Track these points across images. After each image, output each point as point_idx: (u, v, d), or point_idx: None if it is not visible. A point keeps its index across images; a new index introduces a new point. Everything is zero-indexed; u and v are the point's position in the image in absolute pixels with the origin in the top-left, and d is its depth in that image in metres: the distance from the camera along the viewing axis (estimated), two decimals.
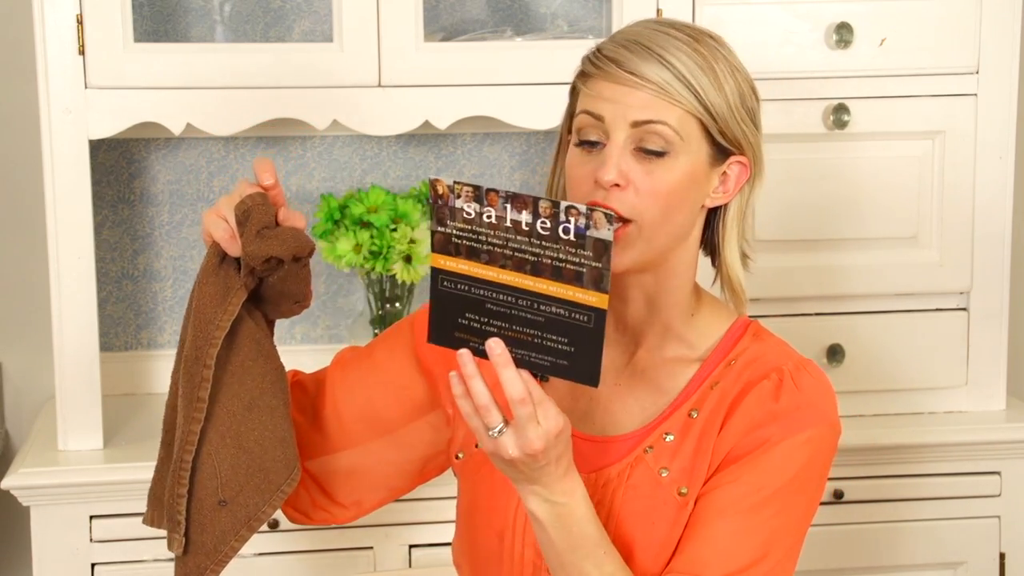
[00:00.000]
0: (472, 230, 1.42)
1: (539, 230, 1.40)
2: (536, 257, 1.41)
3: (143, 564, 2.32)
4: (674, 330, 1.62)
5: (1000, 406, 2.54)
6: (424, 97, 2.36)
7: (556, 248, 1.40)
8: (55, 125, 2.28)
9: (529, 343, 1.44)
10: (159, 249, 2.71)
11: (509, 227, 1.41)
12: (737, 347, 1.61)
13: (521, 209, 1.40)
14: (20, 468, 2.28)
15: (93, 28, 2.27)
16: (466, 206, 1.42)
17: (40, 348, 2.65)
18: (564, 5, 2.71)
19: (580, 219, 1.39)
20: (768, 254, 2.46)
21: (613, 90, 1.53)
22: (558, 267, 1.41)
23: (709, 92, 1.53)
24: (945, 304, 2.53)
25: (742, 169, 1.59)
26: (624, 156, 1.52)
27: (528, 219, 1.40)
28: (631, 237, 1.53)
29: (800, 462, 1.54)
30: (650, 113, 1.51)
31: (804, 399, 1.56)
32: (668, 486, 1.57)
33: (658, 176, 1.52)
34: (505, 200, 1.41)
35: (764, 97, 2.40)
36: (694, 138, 1.53)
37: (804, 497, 1.56)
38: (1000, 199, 2.49)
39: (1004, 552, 2.51)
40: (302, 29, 2.67)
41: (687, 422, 1.58)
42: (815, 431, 1.55)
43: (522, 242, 1.41)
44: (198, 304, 1.55)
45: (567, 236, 1.39)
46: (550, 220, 1.39)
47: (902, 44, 2.44)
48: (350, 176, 2.72)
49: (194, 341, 1.55)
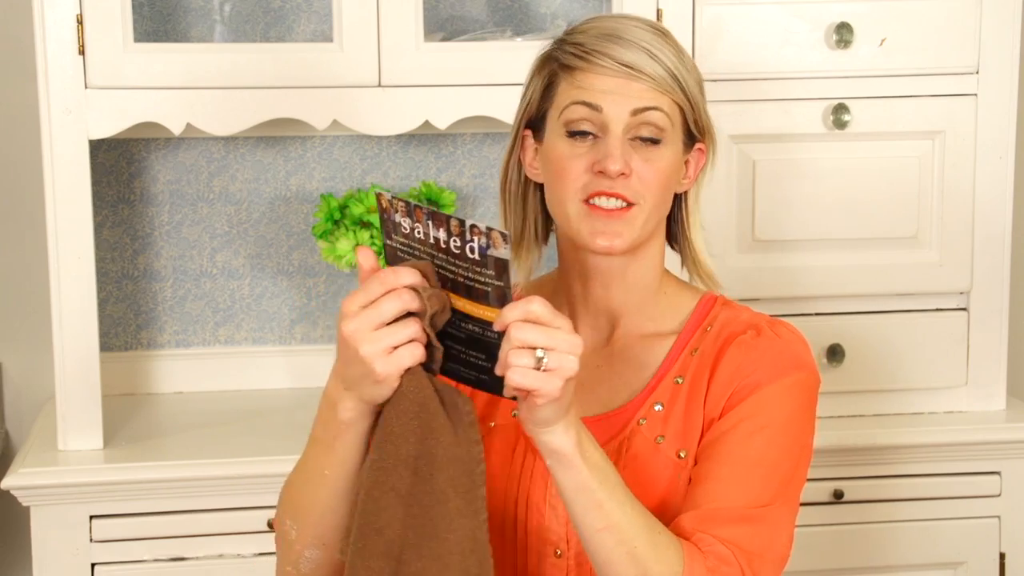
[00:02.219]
0: (410, 245, 1.43)
1: (452, 248, 1.40)
2: (453, 275, 1.42)
3: (143, 564, 2.32)
4: (646, 309, 1.68)
5: (1000, 406, 2.54)
6: (424, 97, 2.36)
7: (466, 267, 1.40)
8: (55, 125, 2.27)
9: (458, 358, 1.45)
10: (159, 249, 2.71)
11: (433, 244, 1.42)
12: (710, 315, 1.67)
13: (439, 227, 1.40)
14: (20, 468, 2.28)
15: (93, 28, 2.26)
16: (403, 221, 1.43)
17: (40, 348, 2.65)
18: (564, 5, 2.71)
19: (481, 238, 1.37)
20: (768, 254, 2.46)
21: (607, 82, 1.58)
22: (469, 286, 1.41)
23: (689, 82, 1.60)
24: (945, 304, 2.53)
25: (700, 156, 1.66)
26: (624, 145, 1.58)
27: (444, 237, 1.40)
28: (633, 218, 1.59)
29: (792, 405, 1.59)
30: (647, 100, 1.58)
31: (785, 344, 1.62)
32: (667, 451, 1.60)
33: (655, 163, 1.59)
34: (428, 217, 1.40)
35: (764, 97, 2.44)
36: (678, 126, 1.61)
37: (801, 439, 1.61)
38: (1000, 199, 2.49)
39: (1004, 552, 2.51)
40: (302, 29, 2.68)
41: (674, 389, 1.63)
42: (800, 375, 1.60)
43: (443, 259, 1.42)
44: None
45: (472, 255, 1.39)
46: (459, 239, 1.39)
47: (902, 44, 2.44)
48: (350, 176, 2.73)
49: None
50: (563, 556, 1.62)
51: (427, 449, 1.42)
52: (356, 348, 1.39)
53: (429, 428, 1.42)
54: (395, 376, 1.40)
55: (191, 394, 2.70)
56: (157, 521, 2.32)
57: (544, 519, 1.62)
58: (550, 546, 1.62)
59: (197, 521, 2.32)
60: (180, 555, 2.33)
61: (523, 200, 1.70)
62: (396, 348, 1.40)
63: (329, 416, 1.48)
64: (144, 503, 2.31)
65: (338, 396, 1.46)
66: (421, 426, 1.42)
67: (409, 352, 1.40)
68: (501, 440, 1.65)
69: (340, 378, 1.45)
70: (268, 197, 2.72)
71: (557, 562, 1.62)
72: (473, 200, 2.77)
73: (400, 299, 1.39)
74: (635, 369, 1.66)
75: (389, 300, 1.39)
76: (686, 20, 2.37)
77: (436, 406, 1.42)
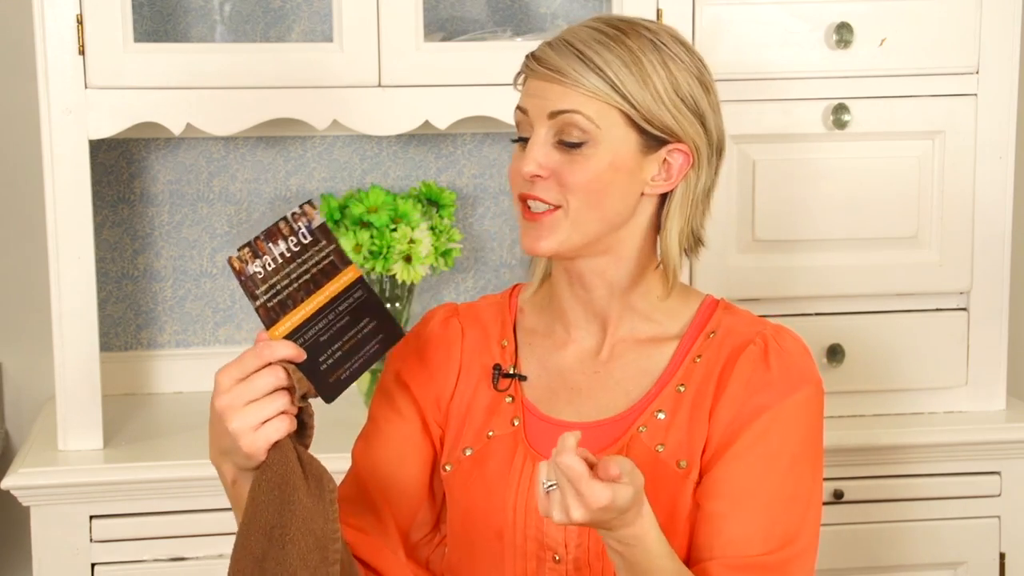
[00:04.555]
0: (270, 286, 1.48)
1: (294, 249, 1.49)
2: (308, 273, 1.49)
3: (143, 564, 2.32)
4: (642, 312, 1.66)
5: (1000, 406, 2.54)
6: (424, 97, 2.36)
7: (309, 255, 1.49)
8: (55, 125, 2.28)
9: (356, 343, 1.51)
10: (159, 249, 2.71)
11: (281, 262, 1.48)
12: (712, 320, 1.66)
13: (277, 240, 1.48)
14: (20, 468, 2.28)
15: (93, 28, 2.27)
16: (257, 268, 1.48)
17: (40, 348, 2.65)
18: (564, 5, 2.71)
19: (302, 220, 1.49)
20: (768, 254, 2.46)
21: (535, 86, 1.60)
22: (320, 270, 1.50)
23: (628, 82, 1.57)
24: (945, 304, 2.53)
25: (684, 157, 1.62)
26: (546, 148, 1.58)
27: (284, 247, 1.48)
28: (556, 221, 1.58)
29: (803, 424, 1.59)
30: (565, 104, 1.57)
31: (791, 361, 1.61)
32: (666, 460, 1.60)
33: (579, 165, 1.58)
34: (266, 239, 1.48)
35: (764, 97, 2.44)
36: (616, 127, 1.58)
37: (815, 459, 1.62)
38: (1000, 199, 2.49)
39: (1004, 552, 2.51)
40: (302, 29, 2.68)
41: (676, 397, 1.62)
42: (807, 391, 1.60)
43: (293, 268, 1.49)
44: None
45: (306, 240, 1.49)
46: (293, 236, 1.49)
47: (902, 44, 2.44)
48: (350, 176, 2.73)
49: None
50: (562, 561, 1.62)
51: (283, 520, 1.46)
52: (227, 423, 1.44)
53: (288, 501, 1.46)
54: (262, 451, 1.45)
55: (191, 394, 2.70)
56: (157, 521, 2.32)
57: (543, 525, 1.61)
58: (549, 551, 1.62)
59: (197, 521, 2.32)
60: (180, 555, 2.33)
61: None
62: (265, 422, 1.45)
63: (222, 481, 1.54)
64: (144, 503, 2.31)
65: (217, 462, 1.52)
66: (280, 497, 1.46)
67: (275, 427, 1.45)
68: (500, 448, 1.65)
69: (213, 445, 1.51)
70: (268, 197, 2.72)
71: (556, 567, 1.62)
72: (473, 200, 2.77)
73: (274, 375, 1.45)
74: (634, 375, 1.65)
75: (262, 377, 1.45)
76: (686, 20, 2.37)
77: (298, 480, 1.46)
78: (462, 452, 1.67)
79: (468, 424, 1.68)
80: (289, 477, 1.46)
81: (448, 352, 1.71)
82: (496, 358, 1.70)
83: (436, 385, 1.70)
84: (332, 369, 1.51)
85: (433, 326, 1.74)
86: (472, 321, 1.73)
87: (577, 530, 1.61)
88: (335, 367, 1.51)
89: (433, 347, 1.72)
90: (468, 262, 2.78)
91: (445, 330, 1.73)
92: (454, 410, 1.69)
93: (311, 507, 1.47)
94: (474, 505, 1.66)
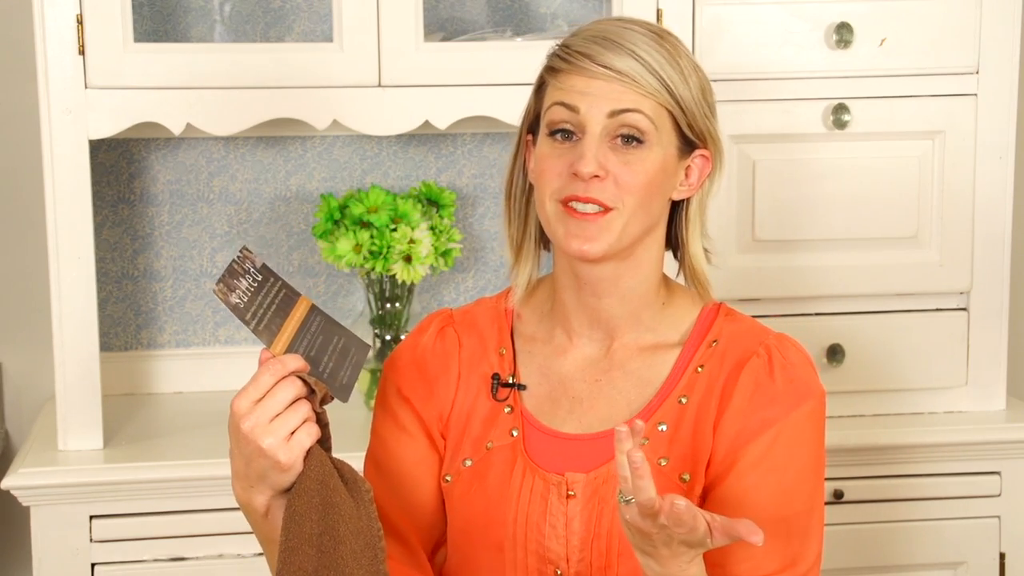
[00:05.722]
0: (252, 313, 1.49)
1: (254, 285, 1.51)
2: (274, 304, 1.51)
3: (143, 564, 2.32)
4: (645, 321, 1.65)
5: (1000, 406, 2.54)
6: (424, 97, 2.36)
7: (267, 289, 1.51)
8: (55, 125, 2.27)
9: (339, 355, 1.53)
10: (159, 249, 2.71)
11: (251, 293, 1.50)
12: (714, 328, 1.65)
13: (238, 277, 1.49)
14: (20, 468, 2.28)
15: (93, 28, 2.26)
16: (235, 300, 1.49)
17: (40, 348, 2.65)
18: (564, 5, 2.71)
19: (247, 262, 1.51)
20: (768, 254, 2.46)
21: (587, 83, 1.56)
22: (282, 299, 1.52)
23: (678, 84, 1.57)
24: (945, 304, 2.53)
25: (704, 163, 1.62)
26: (601, 147, 1.55)
27: (245, 283, 1.50)
28: (610, 222, 1.56)
29: (808, 437, 1.59)
30: (627, 103, 1.55)
31: (795, 373, 1.61)
32: (669, 474, 1.58)
33: (635, 166, 1.56)
34: (230, 277, 1.49)
35: (764, 97, 2.45)
36: (666, 130, 1.57)
37: (819, 470, 1.62)
38: (1000, 199, 2.49)
39: (1004, 552, 2.51)
40: (302, 29, 2.68)
41: (678, 409, 1.60)
42: (811, 403, 1.60)
43: (262, 298, 1.51)
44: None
45: (259, 277, 1.51)
46: (247, 275, 1.50)
47: (902, 44, 2.44)
48: (350, 176, 2.72)
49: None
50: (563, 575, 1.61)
51: (329, 525, 1.45)
52: (258, 443, 1.43)
53: (330, 503, 1.45)
54: (299, 459, 1.45)
55: (191, 394, 2.70)
56: (157, 521, 2.32)
57: (544, 538, 1.60)
58: (551, 565, 1.61)
59: (197, 521, 2.32)
60: (180, 555, 2.33)
61: (525, 204, 1.67)
62: (293, 433, 1.45)
63: (252, 518, 1.52)
64: (144, 503, 2.31)
65: (247, 496, 1.50)
66: (323, 502, 1.45)
67: (306, 432, 1.46)
68: (499, 460, 1.64)
69: (241, 478, 1.49)
70: (268, 197, 2.72)
71: None
72: (473, 200, 2.77)
73: (293, 386, 1.46)
74: (636, 385, 1.64)
75: (281, 390, 1.45)
76: (686, 20, 2.37)
77: (336, 482, 1.46)
78: (462, 463, 1.66)
79: (467, 434, 1.67)
80: (327, 480, 1.45)
81: (446, 364, 1.69)
82: (494, 367, 1.68)
83: (437, 398, 1.68)
84: (334, 375, 1.52)
85: (429, 337, 1.72)
86: (468, 329, 1.71)
87: (579, 543, 1.60)
88: (335, 372, 1.52)
89: (431, 360, 1.70)
90: (468, 262, 2.78)
91: (442, 342, 1.71)
92: (454, 421, 1.68)
93: (353, 508, 1.46)
94: (474, 517, 1.65)
